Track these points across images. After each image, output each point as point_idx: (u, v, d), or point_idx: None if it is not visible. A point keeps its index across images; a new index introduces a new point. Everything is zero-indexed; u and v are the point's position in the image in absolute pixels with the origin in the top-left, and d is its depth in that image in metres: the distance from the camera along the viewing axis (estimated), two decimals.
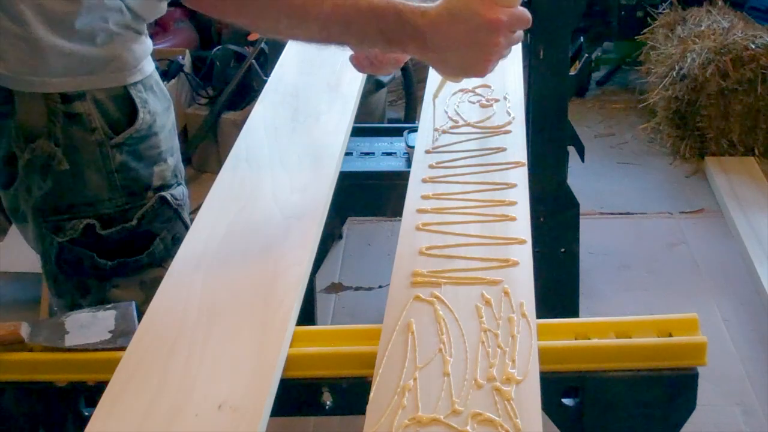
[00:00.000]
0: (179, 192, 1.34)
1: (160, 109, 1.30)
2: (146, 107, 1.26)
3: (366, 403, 0.85)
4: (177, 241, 1.29)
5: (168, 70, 3.32)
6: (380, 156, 2.05)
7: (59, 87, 1.20)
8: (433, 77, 1.44)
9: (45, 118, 1.21)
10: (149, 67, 1.29)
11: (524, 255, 1.05)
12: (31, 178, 1.24)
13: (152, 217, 1.29)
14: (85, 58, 1.20)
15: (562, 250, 2.29)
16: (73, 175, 1.24)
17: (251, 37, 3.58)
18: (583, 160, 2.41)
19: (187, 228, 1.31)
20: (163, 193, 1.30)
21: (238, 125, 1.74)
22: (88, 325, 1.01)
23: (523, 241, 1.07)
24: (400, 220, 1.14)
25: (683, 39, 3.56)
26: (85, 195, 1.25)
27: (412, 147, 1.36)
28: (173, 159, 1.33)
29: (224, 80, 3.42)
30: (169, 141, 1.32)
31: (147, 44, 1.29)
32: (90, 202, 1.25)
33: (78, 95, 1.21)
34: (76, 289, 1.31)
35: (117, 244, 1.28)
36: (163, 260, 1.30)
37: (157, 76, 1.33)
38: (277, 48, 1.81)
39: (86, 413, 0.97)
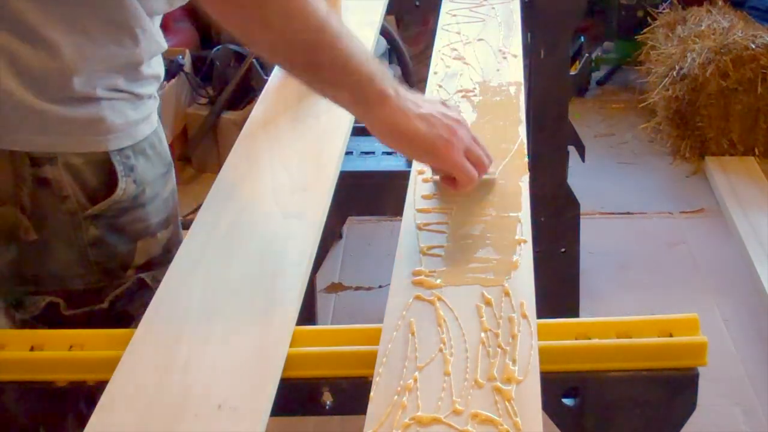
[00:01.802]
0: (164, 271, 1.15)
1: (153, 176, 1.17)
2: (131, 175, 1.13)
3: (366, 403, 0.85)
4: None
5: (168, 70, 3.31)
6: (380, 155, 2.05)
7: (27, 146, 1.07)
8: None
9: (11, 183, 1.08)
10: (147, 129, 1.16)
11: (525, 255, 1.04)
12: None
13: (128, 299, 1.17)
14: (61, 118, 1.07)
15: (562, 250, 2.29)
16: (41, 246, 1.11)
17: None
18: (583, 160, 2.41)
19: None
20: (143, 275, 1.17)
21: (238, 125, 1.73)
22: None
23: (523, 241, 1.07)
24: (400, 220, 1.14)
25: (683, 39, 3.56)
26: (53, 268, 1.12)
27: None
28: (167, 232, 1.20)
29: (224, 80, 3.41)
30: (162, 212, 1.19)
31: (147, 106, 1.16)
32: (58, 276, 1.13)
33: (48, 158, 1.08)
34: None
35: (84, 325, 1.11)
36: None
37: (157, 137, 1.20)
38: None
39: (86, 413, 0.97)
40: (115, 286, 1.16)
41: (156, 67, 1.19)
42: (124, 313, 1.17)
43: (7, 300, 1.16)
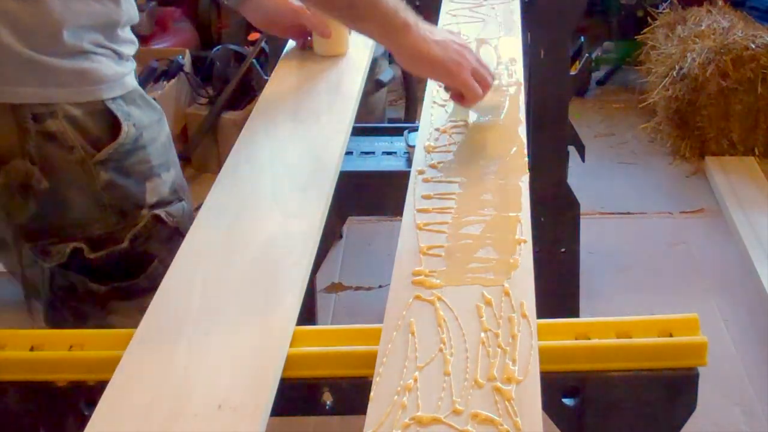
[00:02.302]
0: (178, 209, 1.28)
1: (148, 121, 1.25)
2: (130, 120, 1.21)
3: (366, 403, 0.85)
4: None
5: (168, 70, 3.31)
6: (380, 155, 2.05)
7: (27, 97, 1.14)
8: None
9: (16, 137, 1.14)
10: (131, 83, 1.24)
11: (525, 255, 1.04)
12: (12, 203, 1.19)
13: (146, 237, 1.23)
14: (56, 69, 1.14)
15: (562, 250, 2.29)
16: (56, 196, 1.18)
17: (251, 37, 3.58)
18: (583, 159, 2.41)
19: None
20: (157, 211, 1.24)
21: (238, 125, 1.73)
22: None
23: (523, 241, 1.07)
24: (400, 220, 1.14)
25: (683, 39, 3.55)
26: (71, 216, 1.19)
27: (413, 146, 1.36)
28: (170, 174, 1.28)
29: (224, 80, 3.41)
30: (162, 155, 1.26)
31: (127, 65, 1.24)
32: (78, 223, 1.20)
33: (50, 113, 1.14)
34: (73, 317, 1.26)
35: (110, 267, 1.22)
36: None
37: (142, 91, 1.28)
38: (277, 48, 1.81)
39: (86, 413, 0.97)
40: (131, 227, 1.22)
41: (130, 34, 1.26)
42: (145, 251, 1.24)
43: (35, 252, 1.22)
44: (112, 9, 1.20)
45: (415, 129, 1.56)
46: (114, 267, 1.22)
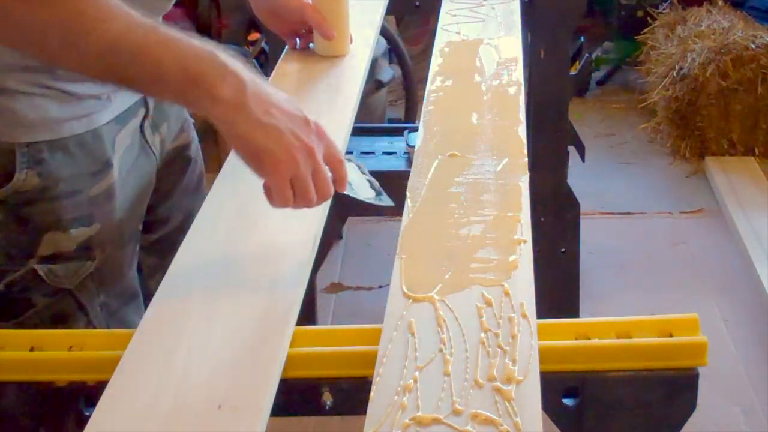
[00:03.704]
0: (71, 269, 1.18)
1: (72, 173, 1.15)
2: (36, 168, 1.12)
3: (366, 403, 0.85)
4: (61, 319, 1.19)
5: None
6: (380, 156, 2.05)
7: None
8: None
9: None
10: (78, 128, 1.15)
11: (525, 255, 1.04)
12: None
13: (23, 287, 1.17)
14: None
15: (562, 250, 2.29)
16: None
17: (251, 37, 3.58)
18: (583, 160, 2.41)
19: (84, 311, 1.21)
20: (37, 266, 1.16)
21: None
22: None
23: (523, 241, 1.07)
24: (400, 220, 1.14)
25: (683, 39, 3.56)
26: None
27: (413, 146, 1.36)
28: (89, 230, 1.18)
29: None
30: (83, 209, 1.17)
31: (85, 106, 1.15)
32: None
33: None
34: None
35: None
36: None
37: (95, 137, 1.18)
38: (277, 48, 1.81)
39: (86, 413, 0.97)
40: (12, 271, 1.16)
41: None
42: (23, 298, 1.18)
43: None
44: None
45: (415, 129, 1.56)
46: None
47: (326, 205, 1.16)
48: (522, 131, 1.30)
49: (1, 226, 1.15)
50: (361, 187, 1.17)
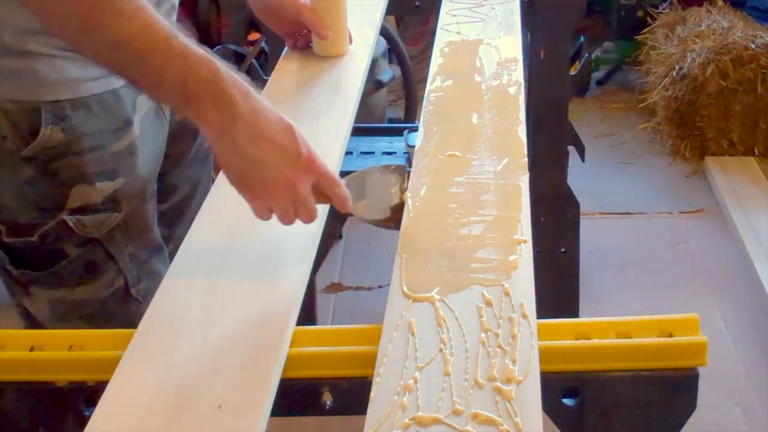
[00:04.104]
0: (98, 220, 1.24)
1: (94, 129, 1.21)
2: (60, 125, 1.18)
3: (366, 403, 0.85)
4: (93, 268, 1.25)
5: None
6: (380, 155, 2.05)
7: None
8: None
9: None
10: (96, 88, 1.20)
11: (525, 255, 1.04)
12: None
13: (56, 237, 1.23)
14: None
15: (562, 250, 2.29)
16: None
17: (251, 37, 3.58)
18: (583, 160, 2.41)
19: (114, 261, 1.27)
20: (66, 217, 1.22)
21: None
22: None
23: (523, 241, 1.07)
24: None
25: (683, 39, 3.56)
26: (1, 200, 1.22)
27: (413, 146, 1.36)
28: (114, 183, 1.24)
29: None
30: (108, 164, 1.23)
31: (94, 71, 1.18)
32: (5, 207, 1.22)
33: None
34: (6, 287, 1.30)
35: (24, 254, 1.24)
36: (74, 283, 1.26)
37: (115, 97, 1.23)
38: (277, 48, 1.81)
39: (86, 413, 0.97)
40: (45, 224, 1.22)
41: None
42: (56, 249, 1.24)
43: None
44: None
45: (415, 129, 1.56)
46: (28, 255, 1.25)
47: (326, 206, 1.17)
48: (522, 131, 1.30)
49: (32, 182, 1.20)
50: (375, 201, 1.17)
